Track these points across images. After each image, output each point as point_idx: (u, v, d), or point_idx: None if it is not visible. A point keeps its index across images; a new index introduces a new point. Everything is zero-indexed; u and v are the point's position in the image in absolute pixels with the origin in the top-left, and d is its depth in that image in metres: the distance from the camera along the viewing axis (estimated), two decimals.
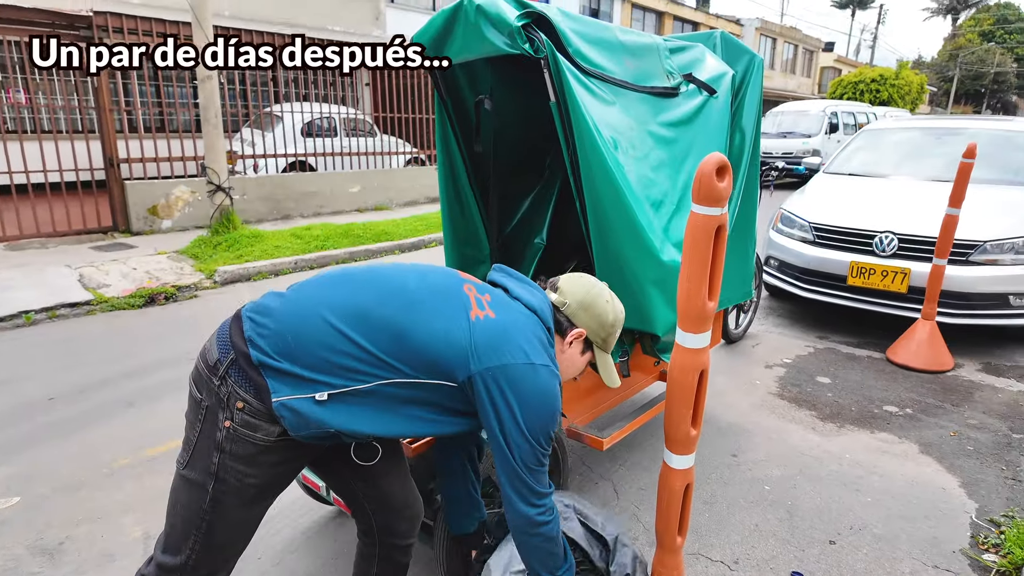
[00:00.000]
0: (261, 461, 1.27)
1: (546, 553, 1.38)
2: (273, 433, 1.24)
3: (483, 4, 2.08)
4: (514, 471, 1.30)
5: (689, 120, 2.49)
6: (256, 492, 1.30)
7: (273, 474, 1.32)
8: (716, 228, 1.32)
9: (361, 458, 1.43)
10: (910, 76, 24.13)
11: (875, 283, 4.13)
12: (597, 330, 1.49)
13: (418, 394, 1.29)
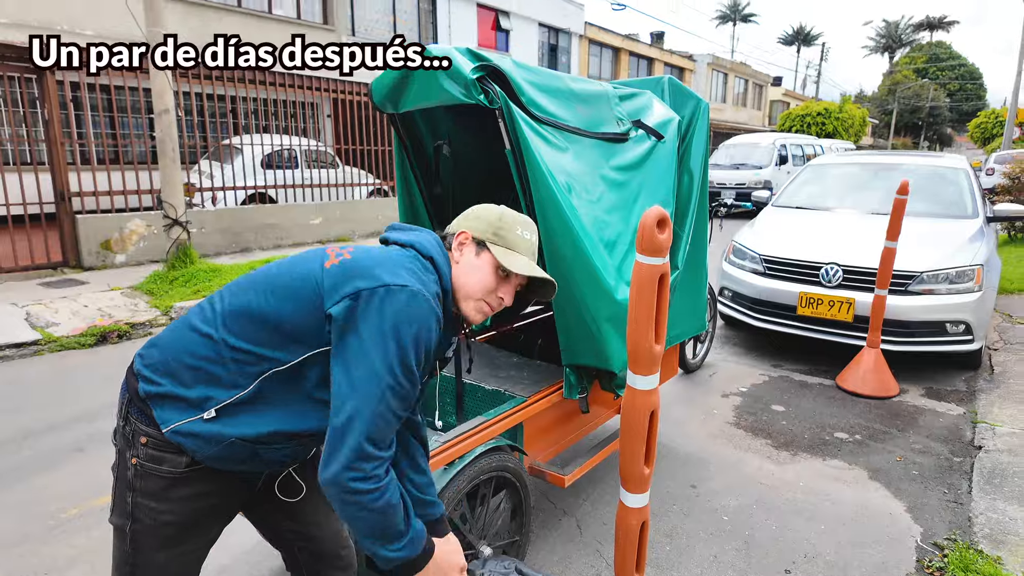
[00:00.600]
0: (173, 496, 1.22)
1: (372, 525, 1.16)
2: (180, 464, 1.21)
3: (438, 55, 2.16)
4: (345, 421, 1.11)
5: (639, 164, 2.61)
6: (175, 531, 1.25)
7: (191, 510, 1.25)
8: (659, 276, 1.39)
9: (285, 494, 1.39)
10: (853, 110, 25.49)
11: (823, 313, 4.31)
12: (484, 228, 1.35)
13: (303, 377, 1.21)
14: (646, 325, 1.41)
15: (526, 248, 1.37)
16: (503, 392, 2.43)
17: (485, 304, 1.34)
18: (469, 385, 2.56)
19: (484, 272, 1.33)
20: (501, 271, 1.33)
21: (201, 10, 11.59)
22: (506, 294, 1.36)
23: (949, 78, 52.01)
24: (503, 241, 1.34)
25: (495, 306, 1.36)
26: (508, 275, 1.35)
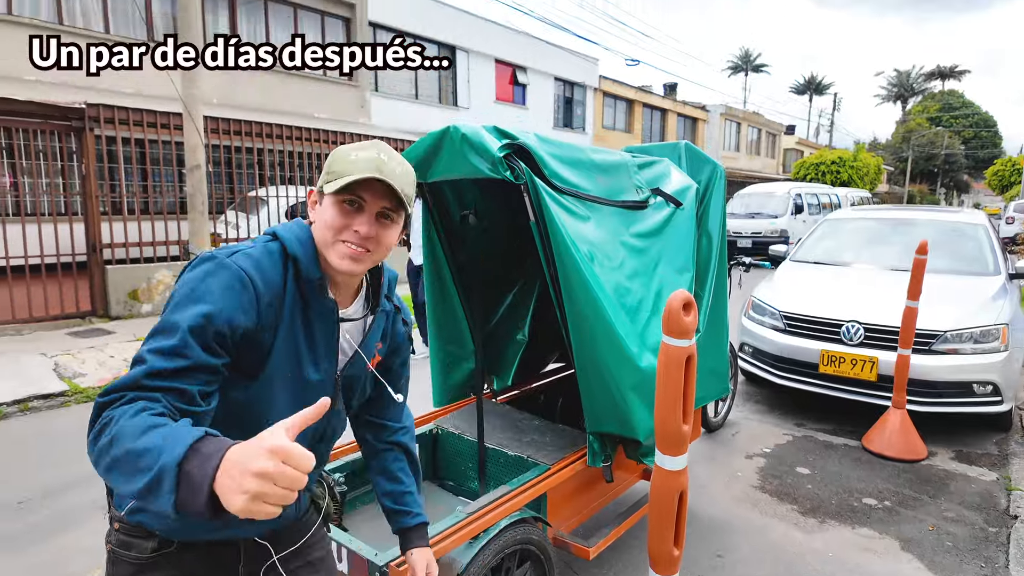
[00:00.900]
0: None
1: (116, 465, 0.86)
2: (146, 549, 1.16)
3: (468, 133, 2.26)
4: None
5: (659, 231, 2.66)
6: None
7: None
8: (686, 358, 1.42)
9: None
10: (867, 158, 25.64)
11: (845, 371, 4.27)
12: (321, 177, 1.21)
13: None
14: (674, 405, 1.43)
15: (362, 165, 1.15)
16: (526, 459, 2.43)
17: (342, 245, 1.16)
18: (491, 450, 2.56)
19: (327, 214, 1.17)
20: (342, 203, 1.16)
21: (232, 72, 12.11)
22: (361, 225, 1.16)
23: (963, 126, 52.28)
24: (333, 175, 1.16)
25: (356, 242, 1.16)
26: (354, 204, 1.17)
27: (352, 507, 2.40)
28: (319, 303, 1.18)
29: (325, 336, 1.20)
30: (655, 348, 2.34)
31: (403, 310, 1.43)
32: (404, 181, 1.18)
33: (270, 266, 1.13)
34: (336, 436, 1.34)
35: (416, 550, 1.49)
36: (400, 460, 1.50)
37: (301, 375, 1.17)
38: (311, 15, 13.67)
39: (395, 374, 1.45)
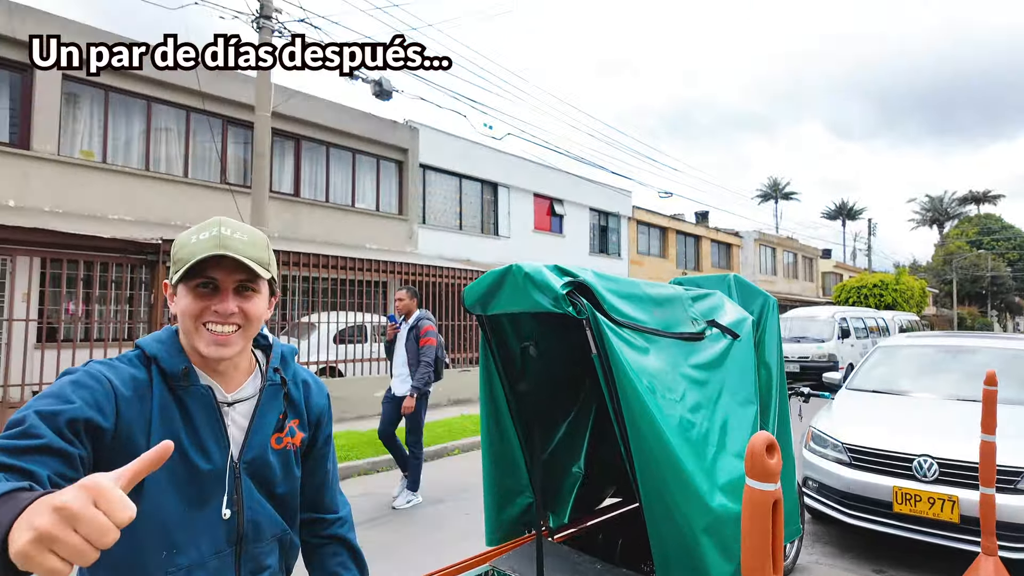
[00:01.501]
0: None
1: None
2: None
3: (530, 271, 2.39)
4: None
5: (718, 362, 2.67)
6: None
7: None
8: (772, 503, 1.39)
9: None
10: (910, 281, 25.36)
11: (923, 511, 3.96)
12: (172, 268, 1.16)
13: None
14: (762, 556, 1.38)
15: (204, 247, 1.11)
16: None
17: (205, 332, 1.12)
18: None
19: (183, 303, 1.12)
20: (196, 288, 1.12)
21: (295, 205, 13.17)
22: (219, 304, 1.12)
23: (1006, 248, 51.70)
24: (180, 263, 1.12)
25: (219, 322, 1.12)
26: (208, 285, 1.12)
27: None
28: (191, 392, 1.13)
29: (208, 422, 1.14)
30: (725, 487, 2.27)
31: (313, 382, 1.35)
32: (252, 250, 1.15)
33: (129, 368, 1.11)
34: (264, 535, 1.20)
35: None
36: (340, 555, 1.38)
37: (189, 465, 1.10)
38: (368, 158, 14.97)
39: (319, 452, 1.35)
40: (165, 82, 11.24)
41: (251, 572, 1.18)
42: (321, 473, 1.36)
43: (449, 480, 6.38)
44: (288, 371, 1.29)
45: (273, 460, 1.22)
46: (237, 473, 1.16)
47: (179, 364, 1.13)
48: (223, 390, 1.18)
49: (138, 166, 11.19)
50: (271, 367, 1.26)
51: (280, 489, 1.23)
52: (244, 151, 12.64)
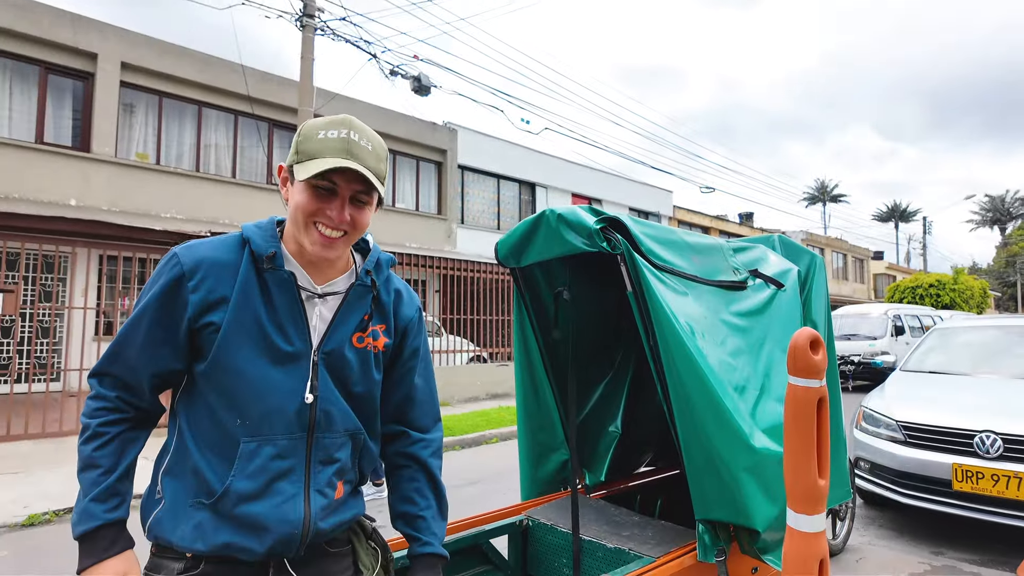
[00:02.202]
0: None
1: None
2: (173, 571, 1.12)
3: (563, 213, 2.37)
4: None
5: (761, 310, 2.58)
6: None
7: None
8: (817, 400, 1.32)
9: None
10: (969, 281, 24.12)
11: (986, 489, 3.73)
12: (289, 153, 1.19)
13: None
14: (806, 456, 1.31)
15: (332, 148, 1.13)
16: (627, 551, 2.22)
17: (315, 231, 1.15)
18: (587, 543, 2.37)
19: (299, 198, 1.15)
20: (314, 188, 1.14)
21: None
22: (334, 210, 1.14)
23: None
24: (304, 155, 1.14)
25: (332, 225, 1.15)
26: (330, 189, 1.14)
27: None
28: (275, 276, 1.16)
29: (287, 307, 1.17)
30: (768, 430, 2.18)
31: (405, 292, 1.35)
32: (375, 161, 1.16)
33: (219, 248, 1.17)
34: (336, 427, 1.20)
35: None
36: (417, 480, 1.34)
37: (270, 344, 1.14)
38: (408, 160, 15.21)
39: (405, 364, 1.34)
40: (214, 87, 11.69)
41: (321, 461, 1.18)
42: (407, 386, 1.34)
43: (486, 465, 6.36)
44: (380, 276, 1.30)
45: (352, 356, 1.22)
46: (315, 361, 1.18)
47: (269, 247, 1.16)
48: (313, 281, 1.20)
49: (189, 167, 11.65)
50: (364, 268, 1.26)
51: (357, 388, 1.23)
52: None
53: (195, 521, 1.10)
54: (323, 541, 1.20)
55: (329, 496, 1.18)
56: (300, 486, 1.15)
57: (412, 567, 1.31)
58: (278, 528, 1.11)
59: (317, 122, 1.17)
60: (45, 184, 9.75)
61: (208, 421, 1.13)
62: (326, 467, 1.18)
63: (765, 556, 2.11)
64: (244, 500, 1.10)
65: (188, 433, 1.14)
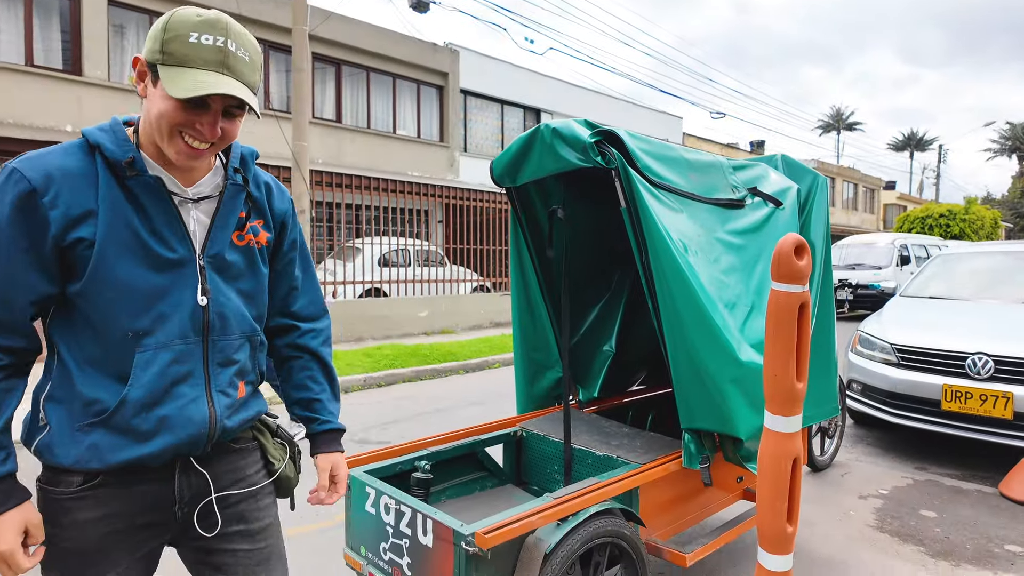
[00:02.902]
0: (69, 521, 1.10)
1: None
2: (72, 483, 1.10)
3: (558, 127, 2.31)
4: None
5: (757, 229, 2.56)
6: (79, 563, 1.11)
7: (93, 536, 1.11)
8: (799, 305, 1.33)
9: (203, 527, 1.20)
10: (981, 211, 23.71)
11: (974, 408, 3.82)
12: (151, 46, 1.05)
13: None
14: (785, 358, 1.33)
15: (206, 58, 1.03)
16: (615, 458, 2.31)
17: (181, 142, 1.07)
18: (578, 451, 2.47)
19: (163, 106, 1.04)
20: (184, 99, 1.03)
21: (337, 131, 13.21)
22: (205, 125, 1.06)
23: None
24: (171, 58, 1.03)
25: (201, 139, 1.08)
26: (201, 102, 1.05)
27: (437, 499, 2.37)
28: (140, 182, 1.09)
29: (163, 214, 1.11)
30: (757, 345, 2.21)
31: (275, 185, 1.32)
32: (251, 72, 1.09)
33: (66, 156, 1.07)
34: (232, 329, 1.20)
35: (323, 454, 1.37)
36: (310, 368, 1.38)
37: (150, 253, 1.10)
38: (408, 84, 14.74)
39: (286, 256, 1.33)
40: (205, 5, 11.22)
41: (219, 364, 1.18)
42: (290, 277, 1.35)
43: (488, 387, 6.54)
44: (249, 172, 1.25)
45: (237, 256, 1.21)
46: (202, 265, 1.16)
47: (125, 153, 1.08)
48: (180, 184, 1.15)
49: None
50: (231, 167, 1.21)
51: (245, 284, 1.23)
52: (286, 78, 12.63)
53: (88, 443, 1.08)
54: (229, 439, 1.22)
55: (232, 396, 1.19)
56: (201, 389, 1.15)
57: (315, 442, 1.38)
58: (184, 428, 1.12)
59: (189, 17, 1.04)
60: (38, 108, 9.56)
61: (92, 341, 1.09)
62: (225, 369, 1.19)
63: (748, 464, 2.20)
64: (144, 408, 1.09)
65: (68, 357, 1.10)
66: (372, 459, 2.22)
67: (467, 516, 2.13)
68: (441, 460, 2.39)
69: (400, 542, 1.85)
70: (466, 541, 1.62)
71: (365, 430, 4.88)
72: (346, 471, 1.40)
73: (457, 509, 2.27)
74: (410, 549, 1.81)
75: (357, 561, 2.03)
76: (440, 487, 2.40)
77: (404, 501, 1.84)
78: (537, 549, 1.71)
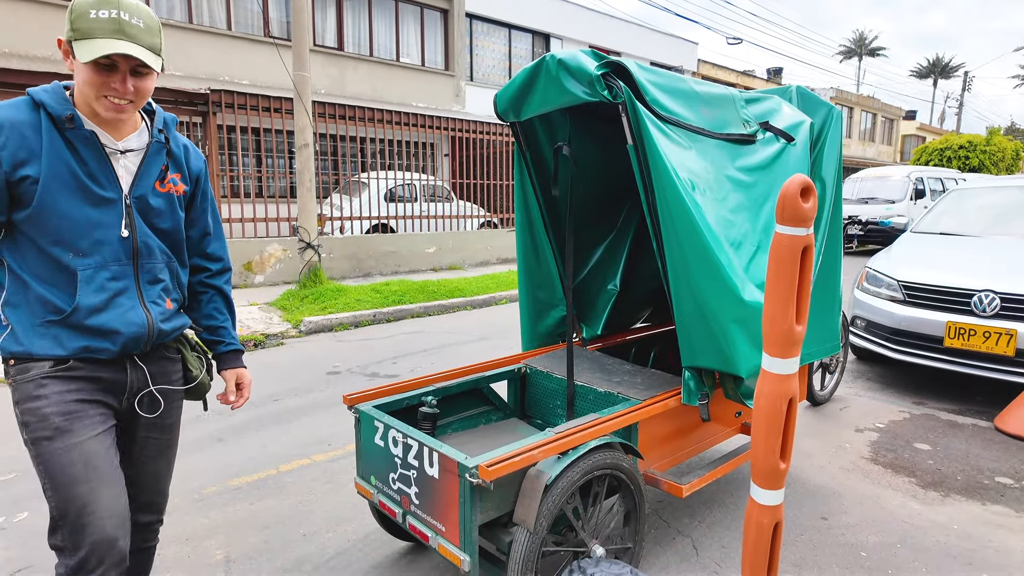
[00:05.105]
0: (46, 392, 1.36)
1: None
2: (44, 367, 1.37)
3: (564, 58, 2.23)
4: None
5: (767, 165, 2.51)
6: (62, 420, 1.36)
7: (68, 399, 1.37)
8: (802, 249, 1.32)
9: (145, 410, 1.53)
10: (1003, 142, 22.97)
11: (976, 345, 3.84)
12: (65, 25, 1.33)
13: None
14: (785, 302, 1.34)
15: (104, 28, 1.29)
16: (616, 394, 2.37)
17: (105, 100, 1.35)
18: (580, 387, 2.53)
19: (84, 74, 1.32)
20: (95, 65, 1.31)
21: (339, 59, 12.80)
22: (117, 83, 1.34)
23: None
24: (79, 33, 1.29)
25: (119, 96, 1.35)
26: (110, 66, 1.32)
27: (443, 432, 2.45)
28: (77, 135, 1.35)
29: (97, 161, 1.38)
30: (762, 284, 2.21)
31: (192, 148, 1.62)
32: (149, 37, 1.34)
33: (14, 110, 1.32)
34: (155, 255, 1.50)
35: (228, 370, 1.74)
36: (215, 301, 1.73)
37: (86, 190, 1.36)
38: (411, 8, 14.13)
39: (199, 206, 1.65)
40: None
41: (148, 282, 1.48)
42: (203, 223, 1.68)
43: (495, 322, 6.62)
44: (170, 134, 1.55)
45: (158, 200, 1.50)
46: (128, 204, 1.44)
47: (65, 110, 1.34)
48: (112, 138, 1.41)
49: (181, 19, 10.96)
50: (156, 128, 1.51)
51: (165, 224, 1.52)
52: (285, 3, 12.12)
53: (50, 334, 1.37)
54: (162, 343, 1.54)
55: (161, 306, 1.51)
56: (136, 300, 1.45)
57: (221, 360, 1.74)
58: (127, 330, 1.43)
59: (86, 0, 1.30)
60: (39, 38, 9.29)
61: (40, 260, 1.36)
62: (153, 286, 1.50)
63: (748, 401, 2.24)
64: (93, 313, 1.38)
65: (20, 270, 1.36)
66: (380, 394, 2.28)
67: (472, 449, 2.21)
68: (447, 395, 2.46)
69: (408, 473, 1.93)
70: (470, 473, 1.69)
71: (376, 363, 5.00)
72: (249, 379, 1.78)
73: (462, 442, 2.35)
74: (418, 480, 1.89)
75: (368, 490, 2.13)
76: (446, 421, 2.48)
77: (412, 435, 1.91)
78: (538, 480, 1.78)
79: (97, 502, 1.35)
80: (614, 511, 2.08)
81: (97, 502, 1.35)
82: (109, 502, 1.37)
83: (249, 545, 2.47)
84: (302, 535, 2.53)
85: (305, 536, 2.52)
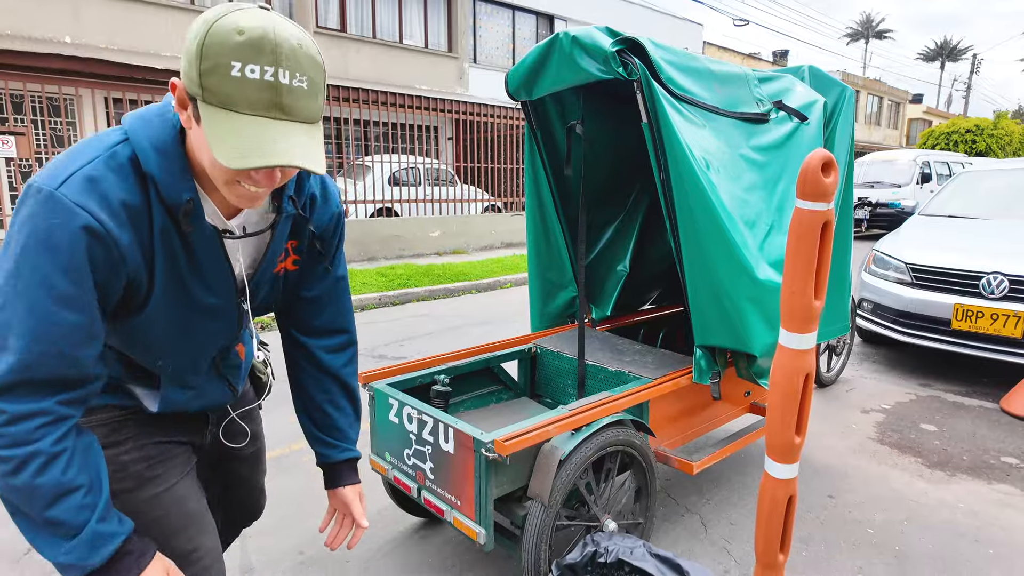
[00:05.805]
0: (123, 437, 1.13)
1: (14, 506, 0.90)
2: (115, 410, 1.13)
3: (578, 35, 2.21)
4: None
5: (780, 145, 2.50)
6: (144, 467, 1.14)
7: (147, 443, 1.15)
8: (822, 224, 1.32)
9: (232, 441, 1.36)
10: (1010, 126, 22.78)
11: (984, 327, 3.85)
12: (186, 69, 0.84)
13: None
14: (804, 277, 1.34)
15: (254, 97, 0.82)
16: (627, 373, 2.38)
17: (239, 187, 0.92)
18: (591, 367, 2.54)
19: (211, 155, 0.86)
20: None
21: (342, 41, 12.70)
22: (262, 176, 0.90)
23: None
24: (213, 95, 0.82)
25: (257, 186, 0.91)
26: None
27: (455, 410, 2.47)
28: (195, 226, 0.97)
29: (211, 261, 1.02)
30: (774, 263, 2.21)
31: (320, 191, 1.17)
32: (310, 102, 0.87)
33: (121, 188, 0.90)
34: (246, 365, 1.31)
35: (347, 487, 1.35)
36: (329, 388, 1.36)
37: (192, 300, 1.04)
38: None
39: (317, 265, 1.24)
40: None
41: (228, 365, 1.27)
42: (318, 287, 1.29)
43: (499, 307, 6.63)
44: (302, 195, 1.12)
45: (272, 282, 1.19)
46: (241, 311, 1.12)
47: (183, 193, 0.94)
48: (223, 216, 1.03)
49: (183, 1, 10.86)
50: (286, 195, 1.07)
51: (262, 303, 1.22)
52: None
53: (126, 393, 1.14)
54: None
55: (240, 368, 1.31)
56: (223, 385, 1.26)
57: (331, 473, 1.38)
58: (212, 405, 1.27)
59: (228, 37, 0.80)
60: (36, 19, 9.22)
61: (118, 362, 1.09)
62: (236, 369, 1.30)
63: (761, 380, 2.26)
64: (177, 404, 1.17)
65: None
66: (393, 372, 2.30)
67: (485, 425, 2.23)
68: (459, 374, 2.48)
69: (423, 449, 1.95)
70: (486, 448, 1.71)
71: (383, 346, 5.02)
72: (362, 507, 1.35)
73: (475, 419, 2.38)
74: (433, 455, 1.91)
75: (382, 466, 2.16)
76: (458, 399, 2.50)
77: (426, 411, 1.93)
78: (552, 456, 1.80)
79: (201, 548, 1.19)
80: (626, 487, 2.10)
81: (201, 548, 1.19)
82: (212, 546, 1.22)
83: (263, 522, 2.49)
84: (316, 511, 2.56)
85: (319, 512, 2.55)
